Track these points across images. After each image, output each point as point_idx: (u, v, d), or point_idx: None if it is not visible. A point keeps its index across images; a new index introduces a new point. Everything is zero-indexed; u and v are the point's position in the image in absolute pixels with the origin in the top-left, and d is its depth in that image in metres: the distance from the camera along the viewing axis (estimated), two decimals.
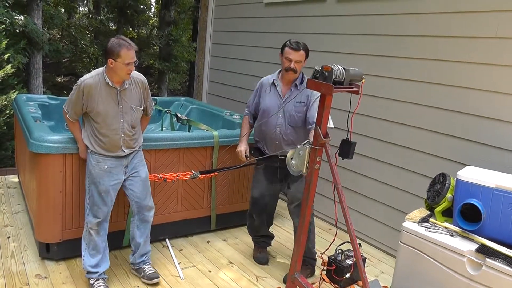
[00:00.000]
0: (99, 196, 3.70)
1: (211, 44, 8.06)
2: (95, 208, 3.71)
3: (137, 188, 3.86)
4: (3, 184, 6.03)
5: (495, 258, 2.92)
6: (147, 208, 3.96)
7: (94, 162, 3.68)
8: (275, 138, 4.02)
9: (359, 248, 3.03)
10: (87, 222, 3.76)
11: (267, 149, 4.12)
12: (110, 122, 3.60)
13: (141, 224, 3.98)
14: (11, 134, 8.20)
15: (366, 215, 5.11)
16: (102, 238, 3.81)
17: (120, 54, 3.41)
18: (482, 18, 3.97)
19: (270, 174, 4.18)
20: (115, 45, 3.43)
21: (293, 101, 3.90)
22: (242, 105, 6.87)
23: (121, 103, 3.63)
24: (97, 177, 3.68)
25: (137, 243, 4.00)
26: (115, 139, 3.64)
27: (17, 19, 9.84)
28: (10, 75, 8.42)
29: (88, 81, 3.53)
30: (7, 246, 4.38)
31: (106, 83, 3.55)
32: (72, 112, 3.63)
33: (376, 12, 4.90)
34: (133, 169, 3.84)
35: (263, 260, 4.53)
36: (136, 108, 3.74)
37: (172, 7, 15.90)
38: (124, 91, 3.64)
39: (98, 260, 3.80)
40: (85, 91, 3.51)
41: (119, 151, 3.69)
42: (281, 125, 3.96)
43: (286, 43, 3.89)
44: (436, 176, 3.67)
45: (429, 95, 4.40)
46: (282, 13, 6.33)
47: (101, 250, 3.81)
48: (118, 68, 3.47)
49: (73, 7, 19.89)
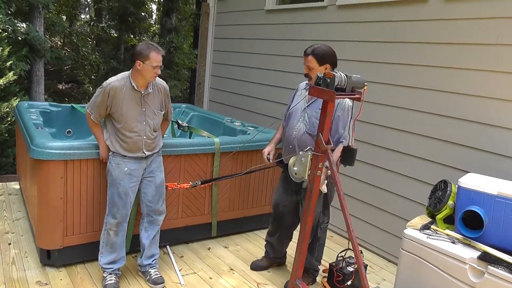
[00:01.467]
0: (119, 197, 3.81)
1: (212, 51, 8.08)
2: (114, 209, 3.83)
3: (150, 192, 3.97)
4: (4, 191, 6.03)
5: (497, 265, 2.91)
6: (158, 211, 4.05)
7: (115, 164, 3.81)
8: (290, 141, 3.92)
9: (360, 255, 3.03)
10: (106, 222, 3.89)
11: (283, 154, 4.05)
12: (133, 124, 3.74)
13: (149, 226, 4.06)
14: (13, 141, 8.20)
15: (367, 222, 5.10)
16: (121, 238, 3.94)
17: (149, 57, 3.57)
18: (482, 25, 3.98)
19: (286, 183, 4.10)
20: (145, 48, 3.60)
21: (316, 107, 3.77)
22: (243, 111, 6.91)
23: (144, 106, 3.78)
24: (117, 179, 3.79)
25: (144, 245, 4.07)
26: (137, 140, 3.77)
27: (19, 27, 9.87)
28: (12, 83, 8.44)
29: (114, 84, 3.68)
30: (8, 252, 4.38)
31: (131, 86, 3.70)
32: (96, 114, 3.76)
33: (376, 19, 4.92)
34: (150, 173, 3.96)
35: (254, 266, 4.52)
36: (158, 112, 3.90)
37: (173, 14, 15.94)
38: (147, 95, 3.79)
39: (114, 258, 3.94)
40: (110, 93, 3.65)
41: (140, 152, 3.82)
42: (298, 130, 3.85)
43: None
44: (437, 183, 3.67)
45: (429, 102, 4.41)
46: (283, 20, 6.34)
47: (118, 249, 3.94)
48: (145, 70, 3.62)
49: (75, 14, 19.94)
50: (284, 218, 4.26)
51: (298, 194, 4.01)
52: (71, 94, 16.54)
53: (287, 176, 4.07)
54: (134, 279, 4.12)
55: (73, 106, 6.10)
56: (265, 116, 6.37)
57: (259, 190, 5.30)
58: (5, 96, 8.36)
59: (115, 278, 3.94)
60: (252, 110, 6.88)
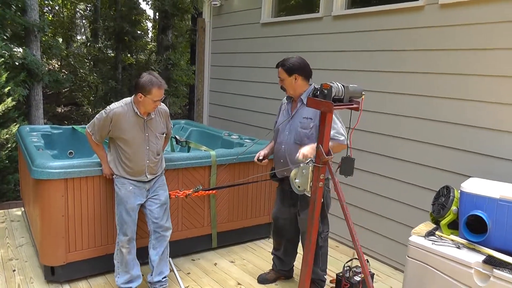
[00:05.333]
0: (127, 214, 3.93)
1: (209, 66, 8.12)
2: (124, 226, 3.94)
3: (155, 210, 4.05)
4: (6, 218, 6.02)
5: (503, 268, 2.91)
6: (164, 228, 4.12)
7: (120, 184, 3.95)
8: (280, 156, 4.00)
9: (367, 264, 3.02)
10: (118, 241, 3.99)
11: (276, 168, 4.12)
12: (137, 149, 3.85)
13: (157, 243, 4.12)
14: (13, 167, 8.21)
15: (372, 230, 5.09)
16: (132, 256, 4.03)
17: (151, 92, 3.68)
18: (478, 30, 4.00)
19: (283, 196, 4.18)
20: (148, 82, 3.67)
21: (299, 117, 3.88)
22: (243, 126, 6.92)
23: (147, 132, 3.88)
24: (124, 197, 3.92)
25: (153, 261, 4.12)
26: (141, 165, 3.89)
27: (16, 52, 9.90)
28: (10, 108, 8.44)
29: (117, 110, 3.78)
30: (13, 279, 4.37)
31: (134, 112, 3.80)
32: (97, 135, 3.90)
33: (372, 28, 4.95)
34: (154, 192, 4.06)
35: (261, 279, 4.52)
36: (160, 136, 4.04)
37: (169, 31, 16.00)
38: (150, 121, 3.90)
39: (130, 277, 4.04)
40: (113, 119, 3.76)
41: (142, 176, 3.92)
42: (287, 143, 3.93)
43: None
44: (440, 189, 3.68)
45: (429, 108, 4.42)
46: (279, 33, 6.38)
47: (133, 267, 4.03)
48: (146, 103, 3.74)
49: (71, 36, 20.03)
50: (285, 231, 4.29)
51: (296, 206, 4.04)
52: (71, 116, 16.55)
53: (283, 189, 4.12)
54: None
55: (74, 127, 6.15)
56: (264, 129, 6.38)
57: (257, 201, 5.38)
58: (4, 122, 8.36)
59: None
60: (251, 124, 6.90)
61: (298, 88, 3.88)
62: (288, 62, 3.84)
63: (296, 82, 3.84)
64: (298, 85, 3.86)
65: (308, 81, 3.91)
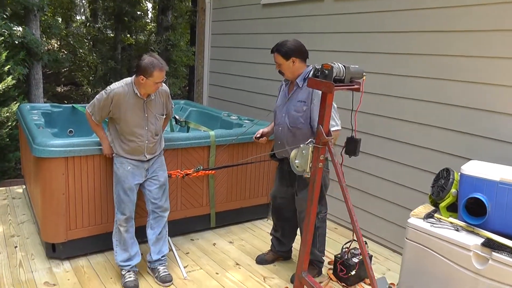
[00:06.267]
0: (125, 193, 3.95)
1: (210, 47, 8.08)
2: (122, 205, 3.97)
3: (154, 190, 4.08)
4: (8, 195, 6.04)
5: (501, 251, 2.92)
6: (162, 209, 4.15)
7: (118, 164, 3.97)
8: (278, 137, 4.04)
9: (365, 246, 3.04)
10: (116, 219, 4.02)
11: (274, 149, 4.15)
12: (136, 129, 3.86)
13: (155, 224, 4.16)
14: (14, 145, 8.23)
15: (370, 212, 5.11)
16: (131, 234, 4.06)
17: (153, 74, 3.67)
18: (485, 11, 3.96)
19: (281, 176, 4.21)
20: (149, 65, 3.65)
21: (294, 101, 3.89)
22: (243, 107, 6.91)
23: (147, 112, 3.89)
24: (122, 177, 3.94)
25: (150, 240, 4.15)
26: (139, 145, 3.91)
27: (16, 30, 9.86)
28: (11, 87, 8.44)
29: (117, 90, 3.77)
30: (14, 255, 4.40)
31: (134, 93, 3.80)
32: (97, 116, 3.90)
33: (374, 9, 4.90)
34: (153, 173, 4.08)
35: (259, 260, 4.55)
36: (160, 117, 4.04)
37: (169, 12, 15.91)
38: (150, 102, 3.90)
39: (129, 255, 4.04)
40: (114, 99, 3.76)
41: (141, 155, 3.94)
42: (283, 125, 3.95)
43: None
44: (440, 171, 3.68)
45: (430, 91, 4.40)
46: (279, 14, 6.34)
47: (131, 246, 4.05)
48: (147, 85, 3.74)
49: (70, 16, 19.92)
50: (283, 210, 4.32)
51: (294, 186, 4.07)
52: (70, 96, 16.53)
53: (282, 168, 4.16)
54: (142, 277, 4.14)
55: (74, 106, 6.16)
56: (264, 110, 6.37)
57: (256, 181, 5.41)
58: (4, 101, 8.37)
59: (134, 275, 4.03)
60: (251, 105, 6.89)
61: (296, 71, 3.86)
62: (284, 47, 3.80)
63: (294, 65, 3.82)
64: (296, 67, 3.84)
65: (305, 63, 3.89)
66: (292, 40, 3.85)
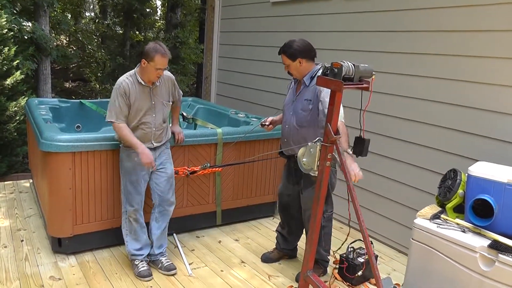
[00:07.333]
0: (132, 185, 4.01)
1: (218, 45, 8.08)
2: (130, 197, 4.04)
3: (161, 183, 4.12)
4: (15, 189, 6.08)
5: (508, 253, 2.91)
6: (169, 202, 4.20)
7: (125, 155, 4.01)
8: (284, 135, 4.06)
9: (371, 245, 3.03)
10: (126, 211, 4.10)
11: (282, 146, 4.16)
12: (144, 117, 3.92)
13: (160, 217, 4.20)
14: (22, 140, 8.27)
15: (377, 213, 5.10)
16: (140, 225, 4.11)
17: (154, 58, 3.71)
18: (493, 12, 3.94)
19: (288, 173, 4.22)
20: (152, 49, 3.72)
21: (302, 99, 3.90)
22: (251, 105, 6.91)
23: (153, 100, 3.95)
24: (129, 169, 4.00)
25: (154, 235, 4.19)
26: (147, 132, 3.95)
27: (25, 26, 9.91)
28: (19, 82, 8.48)
29: (124, 83, 3.84)
30: (21, 249, 4.42)
31: (139, 82, 3.84)
32: (122, 115, 3.86)
33: (384, 9, 4.88)
34: (161, 165, 4.12)
35: (264, 258, 4.55)
36: (167, 104, 4.11)
37: (179, 9, 15.92)
38: (155, 89, 3.95)
39: (140, 245, 4.14)
40: (126, 92, 3.81)
41: (149, 143, 3.97)
42: (290, 123, 3.97)
43: None
44: (447, 172, 3.67)
45: (438, 91, 4.39)
46: (289, 12, 6.33)
47: (141, 235, 4.15)
48: (148, 70, 3.79)
49: (79, 12, 19.95)
50: (290, 208, 4.31)
51: (299, 184, 4.07)
52: (78, 92, 16.57)
53: (289, 166, 4.17)
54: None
55: (82, 101, 6.15)
56: (272, 109, 6.36)
57: (262, 179, 5.40)
58: (13, 95, 8.41)
59: (147, 265, 4.10)
60: (259, 103, 6.88)
61: (304, 70, 3.87)
62: (290, 48, 3.80)
63: (301, 66, 3.82)
64: (303, 67, 3.85)
65: (313, 62, 3.89)
66: (299, 40, 3.84)
